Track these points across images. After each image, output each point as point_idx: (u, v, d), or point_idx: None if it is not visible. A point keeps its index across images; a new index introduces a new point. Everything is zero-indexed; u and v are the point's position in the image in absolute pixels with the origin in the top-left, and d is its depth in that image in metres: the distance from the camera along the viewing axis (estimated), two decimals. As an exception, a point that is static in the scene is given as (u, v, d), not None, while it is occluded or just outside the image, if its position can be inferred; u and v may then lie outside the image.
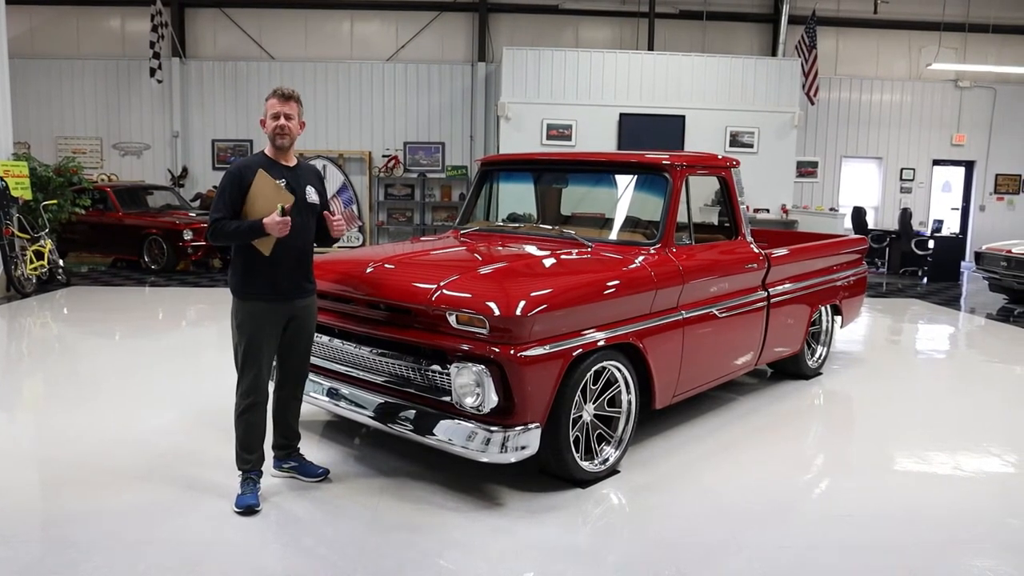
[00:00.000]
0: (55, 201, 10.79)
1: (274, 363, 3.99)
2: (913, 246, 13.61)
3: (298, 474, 4.12)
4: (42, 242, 10.28)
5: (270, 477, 4.07)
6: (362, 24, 16.05)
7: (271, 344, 3.83)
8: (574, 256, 4.57)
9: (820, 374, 6.62)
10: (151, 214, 12.79)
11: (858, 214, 14.55)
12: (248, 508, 3.74)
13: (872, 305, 10.71)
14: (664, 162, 4.91)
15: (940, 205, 16.93)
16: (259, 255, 3.69)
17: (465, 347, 3.76)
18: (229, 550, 3.42)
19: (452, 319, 3.80)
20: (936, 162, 16.78)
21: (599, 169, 5.46)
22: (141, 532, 3.56)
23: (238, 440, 3.85)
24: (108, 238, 12.70)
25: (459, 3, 15.86)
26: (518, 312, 3.68)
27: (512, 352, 3.67)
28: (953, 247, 13.63)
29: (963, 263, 14.32)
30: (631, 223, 5.01)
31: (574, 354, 3.91)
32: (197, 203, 14.67)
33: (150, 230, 12.20)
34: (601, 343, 4.07)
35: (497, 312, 3.68)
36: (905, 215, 14.00)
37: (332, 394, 4.41)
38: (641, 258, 4.56)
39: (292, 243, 3.73)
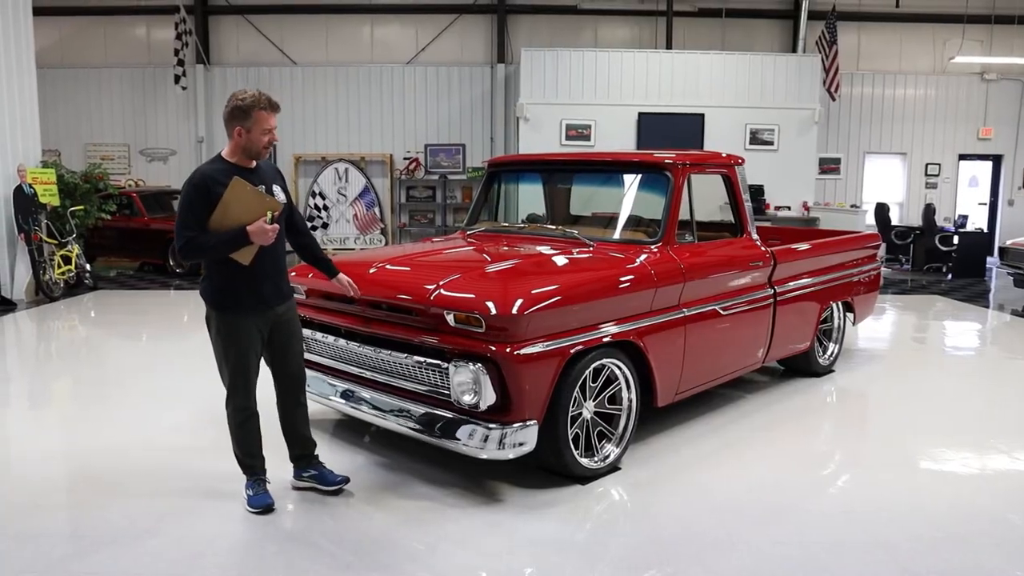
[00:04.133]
0: (82, 207, 11.05)
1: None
2: (937, 242, 13.43)
3: (317, 483, 4.02)
4: (69, 247, 10.54)
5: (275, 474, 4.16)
6: (382, 28, 16.21)
7: (258, 355, 3.79)
8: (574, 255, 4.62)
9: (832, 371, 6.59)
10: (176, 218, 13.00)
11: (881, 210, 14.39)
12: (266, 507, 3.76)
13: (894, 302, 10.61)
14: (666, 161, 4.94)
15: (967, 200, 16.68)
16: (238, 265, 3.55)
17: (463, 346, 3.83)
18: (230, 543, 3.52)
19: (450, 318, 3.87)
20: (962, 157, 16.53)
21: (603, 169, 5.50)
22: (148, 526, 3.67)
23: (240, 451, 3.85)
24: (135, 242, 12.97)
25: (478, 5, 15.96)
26: (514, 311, 3.73)
27: (508, 350, 3.72)
28: (978, 243, 13.41)
29: (990, 259, 14.09)
30: (633, 222, 5.05)
31: (571, 352, 3.96)
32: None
33: (174, 234, 12.40)
34: (599, 341, 4.11)
35: (493, 311, 3.74)
36: (928, 211, 13.82)
37: (341, 395, 4.49)
38: (643, 257, 4.59)
39: (271, 249, 3.64)
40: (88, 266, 11.05)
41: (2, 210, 9.85)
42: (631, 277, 4.38)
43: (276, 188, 3.78)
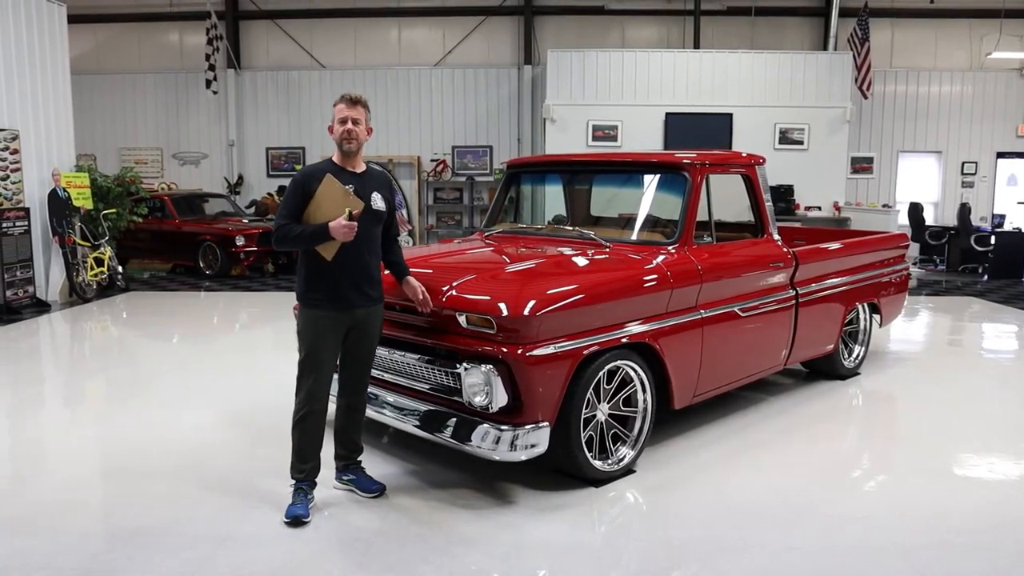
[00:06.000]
0: (114, 210, 11.25)
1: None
2: (972, 242, 13.14)
3: (355, 488, 4.04)
4: (102, 249, 10.74)
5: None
6: (409, 31, 16.31)
7: (331, 352, 3.80)
8: (590, 256, 4.59)
9: (858, 374, 6.47)
10: (206, 221, 13.23)
11: (915, 210, 14.13)
12: (296, 519, 3.68)
13: (927, 303, 10.41)
14: (684, 161, 4.90)
15: (1005, 199, 16.27)
16: (323, 261, 3.66)
17: (474, 347, 3.83)
18: (243, 542, 3.55)
19: (462, 319, 3.87)
20: (1000, 155, 16.14)
21: (621, 169, 5.47)
22: (165, 525, 3.72)
23: (293, 448, 3.82)
24: (167, 245, 13.19)
25: (505, 7, 15.98)
26: (525, 312, 3.73)
27: (519, 352, 3.71)
28: (1016, 243, 13.08)
29: (1028, 259, 13.74)
30: (651, 222, 5.00)
31: (584, 353, 3.94)
32: (252, 210, 15.11)
33: (205, 237, 12.62)
34: (613, 343, 4.08)
35: (504, 312, 3.73)
36: (963, 210, 13.53)
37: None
38: (660, 258, 4.54)
39: (357, 250, 3.69)
40: (120, 268, 11.26)
41: (37, 213, 10.07)
42: (646, 278, 4.34)
43: (376, 195, 3.81)
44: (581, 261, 4.54)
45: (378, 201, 3.82)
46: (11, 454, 4.87)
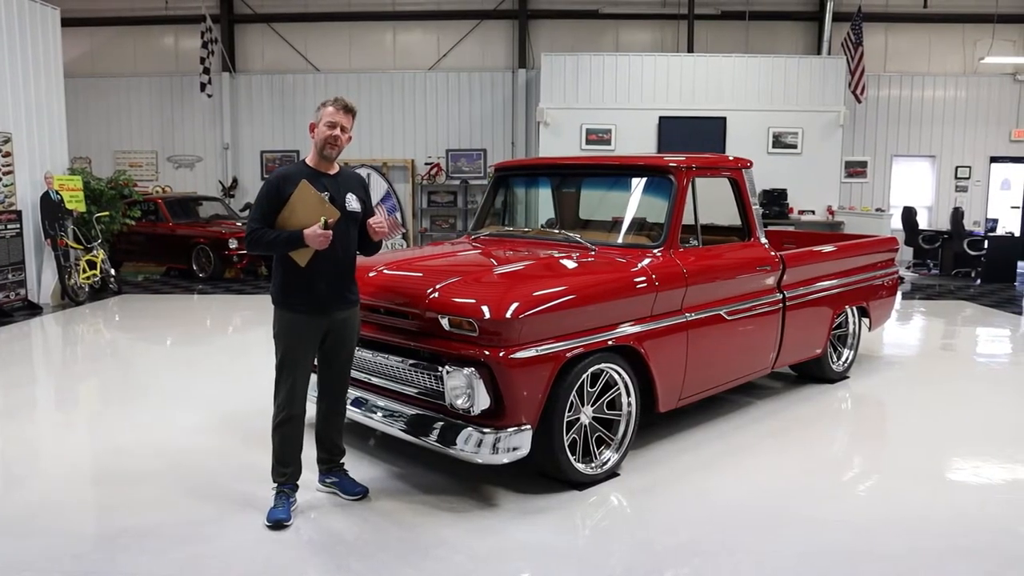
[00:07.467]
0: (107, 213, 11.24)
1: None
2: (966, 246, 13.16)
3: (338, 490, 4.04)
4: (95, 252, 10.73)
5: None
6: (404, 35, 16.33)
7: (308, 356, 3.81)
8: (575, 259, 4.60)
9: (847, 377, 6.47)
10: (199, 224, 13.23)
11: (908, 214, 14.15)
12: (277, 523, 3.68)
13: (919, 307, 10.42)
14: (670, 164, 4.91)
15: (999, 204, 16.30)
16: (296, 265, 3.66)
17: (456, 350, 3.83)
18: (231, 544, 3.55)
19: (444, 322, 3.88)
20: (994, 159, 16.16)
21: (607, 172, 5.48)
22: (151, 527, 3.71)
23: (273, 452, 3.82)
24: (160, 248, 13.19)
25: (499, 11, 16.00)
26: (507, 315, 3.73)
27: (501, 354, 3.72)
28: (1009, 247, 13.11)
29: (1021, 264, 13.76)
30: (636, 226, 5.01)
31: (567, 356, 3.94)
32: (246, 213, 15.11)
33: (198, 239, 12.62)
34: (597, 346, 4.08)
35: (487, 315, 3.74)
36: (956, 214, 13.56)
37: (353, 403, 4.49)
38: (645, 261, 4.55)
39: (333, 253, 3.67)
40: (113, 271, 11.24)
41: (30, 216, 10.06)
42: (630, 281, 4.34)
43: (350, 196, 3.80)
44: (566, 264, 4.54)
45: (352, 202, 3.81)
46: (0, 456, 4.88)
